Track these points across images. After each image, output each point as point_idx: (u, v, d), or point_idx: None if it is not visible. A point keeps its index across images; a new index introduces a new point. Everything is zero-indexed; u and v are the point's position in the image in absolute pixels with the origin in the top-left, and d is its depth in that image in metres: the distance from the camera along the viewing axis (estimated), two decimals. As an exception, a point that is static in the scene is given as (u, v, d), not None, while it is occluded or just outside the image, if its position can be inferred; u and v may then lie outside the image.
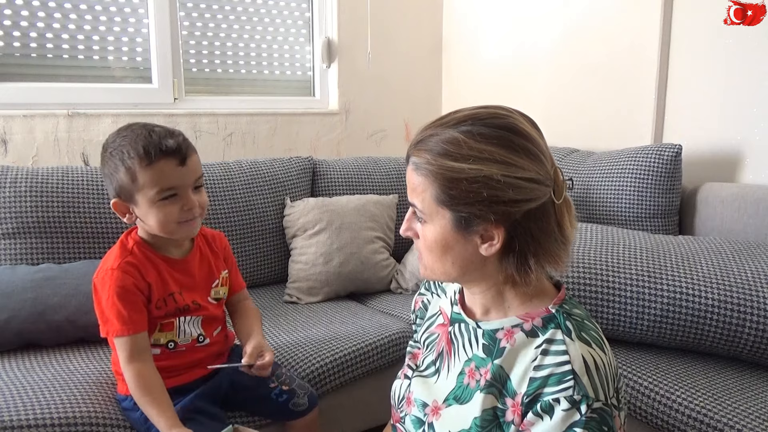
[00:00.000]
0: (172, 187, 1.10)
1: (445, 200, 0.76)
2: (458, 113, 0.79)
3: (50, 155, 2.01)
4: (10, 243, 1.62)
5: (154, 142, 1.07)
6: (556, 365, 0.74)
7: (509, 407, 0.77)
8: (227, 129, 2.35)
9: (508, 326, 0.81)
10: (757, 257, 1.45)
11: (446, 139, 0.76)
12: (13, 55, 2.01)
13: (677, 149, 1.78)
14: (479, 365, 0.83)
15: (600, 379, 0.73)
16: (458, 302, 0.91)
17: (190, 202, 1.12)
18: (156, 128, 1.11)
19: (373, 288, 1.99)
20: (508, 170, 0.74)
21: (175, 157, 1.09)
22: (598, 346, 0.76)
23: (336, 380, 1.48)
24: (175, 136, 1.11)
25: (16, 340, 1.44)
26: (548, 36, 2.34)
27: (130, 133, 1.10)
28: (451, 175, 0.75)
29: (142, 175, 1.08)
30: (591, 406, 0.70)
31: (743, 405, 1.19)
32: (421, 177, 0.78)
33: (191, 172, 1.12)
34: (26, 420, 1.11)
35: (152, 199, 1.09)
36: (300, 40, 2.58)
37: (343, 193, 2.13)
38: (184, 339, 1.22)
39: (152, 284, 1.16)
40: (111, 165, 1.11)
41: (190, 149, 1.13)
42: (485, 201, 0.74)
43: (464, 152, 0.74)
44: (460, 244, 0.78)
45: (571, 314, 0.79)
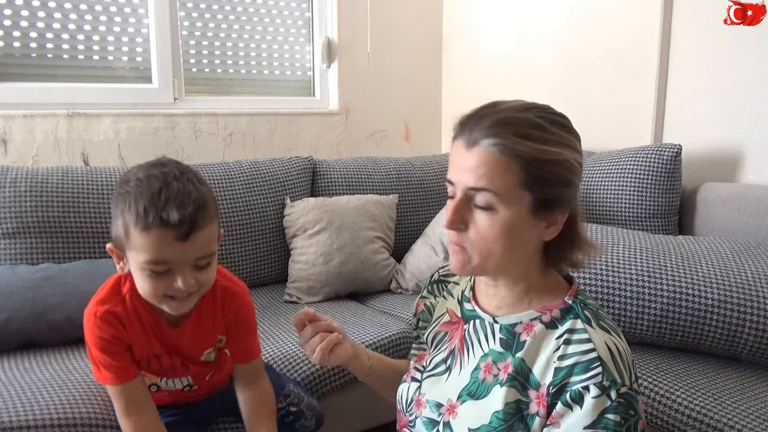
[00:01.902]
0: (164, 261, 0.91)
1: (530, 182, 0.76)
2: (507, 103, 0.80)
3: (50, 155, 2.01)
4: (10, 243, 1.62)
5: (157, 207, 0.88)
6: (581, 353, 0.75)
7: (533, 399, 0.77)
8: (227, 129, 2.35)
9: (527, 320, 0.82)
10: (757, 257, 1.45)
11: (530, 123, 0.76)
12: (13, 55, 2.01)
13: (677, 149, 1.78)
14: (497, 359, 0.83)
15: (624, 364, 0.74)
16: (471, 299, 0.91)
17: (183, 282, 0.92)
18: (173, 185, 0.90)
19: (373, 288, 1.99)
20: (577, 157, 0.79)
21: (175, 231, 0.89)
22: (615, 333, 0.78)
23: (336, 380, 1.48)
24: (185, 207, 0.89)
25: (16, 340, 1.44)
26: (548, 37, 2.34)
27: (144, 179, 0.91)
28: (543, 156, 0.75)
29: (135, 236, 0.90)
30: (619, 392, 0.72)
31: (743, 405, 1.19)
32: (504, 157, 0.75)
33: (194, 250, 0.92)
34: (25, 421, 1.11)
35: (140, 266, 0.92)
36: (300, 40, 2.58)
37: (343, 193, 2.13)
38: (169, 386, 1.12)
39: (133, 345, 1.02)
40: (114, 206, 0.95)
41: (200, 224, 0.91)
42: (566, 183, 0.78)
43: (549, 137, 0.76)
44: (529, 228, 0.79)
45: (587, 304, 0.81)
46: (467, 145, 0.78)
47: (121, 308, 1.01)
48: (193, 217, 0.90)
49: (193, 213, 0.90)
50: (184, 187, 0.91)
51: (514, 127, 0.76)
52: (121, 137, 2.13)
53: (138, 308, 1.01)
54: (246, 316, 1.11)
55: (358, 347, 1.04)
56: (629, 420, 0.72)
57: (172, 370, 1.09)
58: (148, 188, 0.90)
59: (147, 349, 1.04)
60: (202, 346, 1.09)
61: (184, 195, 0.90)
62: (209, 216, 0.93)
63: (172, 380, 1.11)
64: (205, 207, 0.92)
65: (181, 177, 0.92)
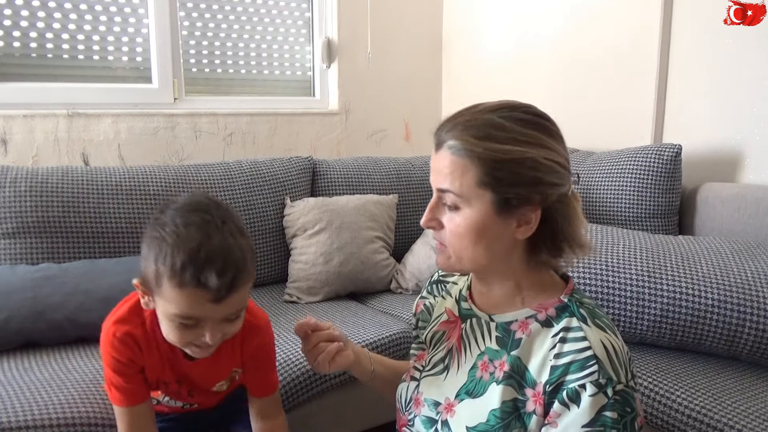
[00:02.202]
0: (195, 317, 0.87)
1: (488, 182, 0.76)
2: (484, 104, 0.81)
3: (50, 155, 2.01)
4: (9, 243, 1.63)
5: (195, 266, 0.81)
6: (577, 351, 0.75)
7: (530, 398, 0.78)
8: (227, 129, 2.35)
9: (522, 318, 0.82)
10: (757, 257, 1.45)
11: (488, 123, 0.77)
12: (13, 55, 2.01)
13: (677, 149, 1.78)
14: (493, 357, 0.83)
15: (619, 362, 0.74)
16: (467, 298, 0.92)
17: (210, 336, 0.88)
18: (214, 239, 0.83)
19: (373, 288, 1.99)
20: (549, 154, 0.78)
21: (211, 293, 0.83)
22: (611, 331, 0.78)
23: (336, 379, 1.48)
24: (225, 272, 0.83)
25: (15, 340, 1.44)
26: (548, 37, 2.34)
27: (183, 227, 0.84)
28: (498, 156, 0.76)
29: (167, 288, 0.84)
30: (615, 389, 0.72)
31: (743, 405, 1.19)
32: (461, 159, 0.77)
33: (227, 308, 0.87)
34: (24, 421, 1.11)
35: (168, 316, 0.88)
36: (300, 40, 2.58)
37: (343, 193, 2.13)
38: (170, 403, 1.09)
39: (146, 368, 0.99)
40: (147, 248, 0.87)
41: (237, 287, 0.86)
42: (529, 182, 0.76)
43: (509, 135, 0.76)
44: (497, 228, 0.79)
45: (582, 302, 0.81)
46: (436, 147, 0.82)
47: (140, 331, 0.97)
48: (231, 282, 0.84)
49: (231, 278, 0.84)
50: (225, 243, 0.84)
51: (473, 129, 0.77)
52: (121, 137, 2.13)
53: (157, 335, 0.97)
54: (266, 351, 1.06)
55: (360, 351, 1.04)
56: (626, 417, 0.72)
57: (177, 394, 1.06)
58: (186, 240, 0.83)
59: (158, 374, 1.01)
60: (215, 379, 1.06)
61: (225, 255, 0.83)
62: (248, 276, 0.88)
63: (174, 400, 1.09)
64: (244, 269, 0.86)
65: (222, 227, 0.85)
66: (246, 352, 1.03)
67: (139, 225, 1.77)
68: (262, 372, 1.06)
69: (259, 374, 1.06)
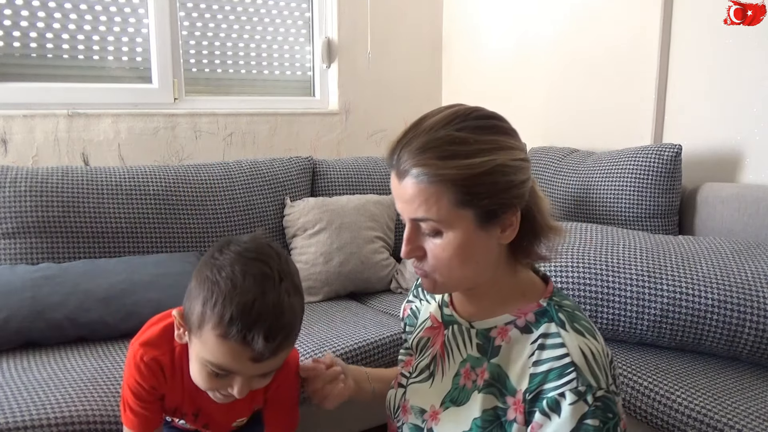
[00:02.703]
0: (229, 369, 0.83)
1: (466, 200, 0.74)
2: (432, 117, 0.77)
3: (50, 155, 2.01)
4: (9, 243, 1.63)
5: (245, 323, 0.78)
6: (555, 359, 0.74)
7: (510, 405, 0.77)
8: (227, 129, 2.35)
9: (501, 324, 0.81)
10: (757, 257, 1.45)
11: (448, 140, 0.74)
12: (13, 55, 2.01)
13: (677, 149, 1.78)
14: (474, 365, 0.83)
15: (598, 367, 0.73)
16: (449, 304, 0.91)
17: (239, 391, 0.85)
18: (269, 297, 0.80)
19: (374, 288, 1.99)
20: (512, 154, 0.76)
21: (253, 353, 0.80)
22: (591, 335, 0.77)
23: (336, 380, 1.48)
24: (274, 336, 0.80)
25: (15, 339, 1.44)
26: (548, 37, 2.34)
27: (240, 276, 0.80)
28: (469, 172, 0.73)
29: (208, 335, 0.81)
30: (596, 396, 0.71)
31: (743, 405, 1.19)
32: (432, 186, 0.74)
33: (263, 368, 0.84)
34: (21, 421, 1.11)
35: (201, 361, 0.84)
36: (300, 40, 2.58)
37: (343, 193, 2.13)
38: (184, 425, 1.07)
39: (166, 396, 0.96)
40: (197, 287, 0.83)
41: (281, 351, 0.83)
42: (504, 188, 0.75)
43: (473, 147, 0.74)
44: (483, 241, 0.77)
45: (562, 306, 0.80)
46: (398, 176, 0.77)
47: (168, 359, 0.93)
48: (277, 346, 0.81)
49: (278, 342, 0.81)
50: (279, 303, 0.80)
51: (435, 150, 0.73)
52: (121, 137, 2.13)
53: (184, 365, 0.94)
54: (291, 389, 1.01)
55: (358, 373, 1.02)
56: (608, 423, 0.71)
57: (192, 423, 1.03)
58: (241, 293, 0.79)
59: (177, 404, 0.98)
60: (235, 417, 1.02)
61: (277, 316, 0.80)
62: (292, 340, 0.85)
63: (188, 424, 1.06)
64: (292, 332, 0.84)
65: (280, 285, 0.82)
66: (270, 390, 0.99)
67: (139, 225, 1.77)
68: (285, 408, 1.02)
69: (281, 412, 1.02)
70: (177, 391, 0.96)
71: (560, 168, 2.09)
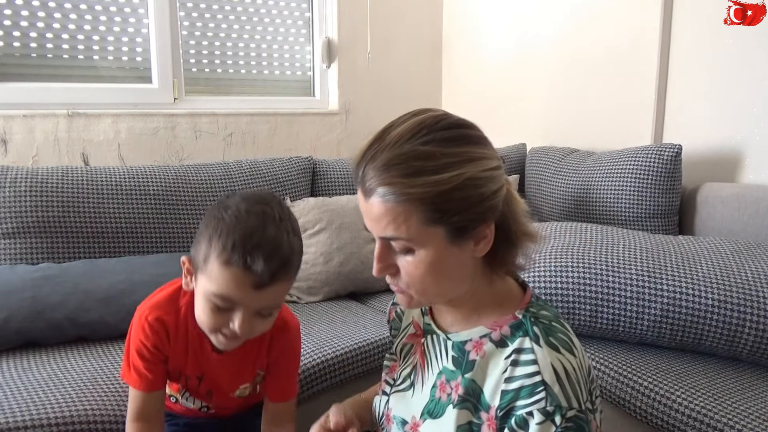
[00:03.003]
0: (231, 300, 0.89)
1: (436, 218, 0.71)
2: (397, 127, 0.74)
3: (50, 155, 2.01)
4: (9, 243, 1.63)
5: (245, 248, 0.85)
6: (526, 376, 0.72)
7: (485, 421, 0.75)
8: (227, 129, 2.35)
9: (477, 337, 0.79)
10: (757, 257, 1.45)
11: (415, 156, 0.70)
12: (13, 55, 2.01)
13: (677, 149, 1.78)
14: (449, 378, 0.81)
15: (572, 385, 0.71)
16: (428, 312, 0.89)
17: (239, 325, 0.90)
18: (269, 230, 0.88)
19: (374, 287, 1.99)
20: (483, 165, 0.73)
21: (253, 278, 0.87)
22: (567, 350, 0.74)
23: (336, 377, 1.48)
24: (272, 259, 0.86)
25: (15, 339, 1.44)
26: (548, 37, 2.34)
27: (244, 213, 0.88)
28: (438, 189, 0.70)
29: (213, 265, 0.88)
30: (565, 416, 0.69)
31: (743, 405, 1.19)
32: (400, 206, 0.71)
33: (263, 300, 0.90)
34: (22, 421, 1.11)
35: (206, 295, 0.90)
36: (300, 40, 2.58)
37: (343, 193, 2.13)
38: (187, 404, 1.10)
39: (170, 358, 1.01)
40: (204, 227, 0.91)
41: (279, 278, 0.89)
42: (476, 202, 0.72)
43: (440, 162, 0.70)
44: (456, 256, 0.75)
45: (539, 317, 0.77)
46: (364, 194, 0.74)
47: (172, 319, 0.99)
48: (275, 271, 0.87)
49: (276, 268, 0.87)
50: (278, 236, 0.88)
51: (400, 168, 0.70)
52: (121, 137, 2.13)
53: (188, 324, 0.99)
54: (292, 355, 1.07)
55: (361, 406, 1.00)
56: None
57: (196, 392, 1.07)
58: (244, 224, 0.87)
59: (181, 366, 1.02)
60: (240, 380, 1.06)
61: (276, 245, 0.87)
62: (290, 273, 0.92)
63: (192, 398, 1.09)
64: (290, 263, 0.90)
65: (280, 223, 0.89)
66: (273, 353, 1.04)
67: (139, 225, 1.77)
68: (284, 377, 1.06)
69: (281, 378, 1.06)
70: (180, 352, 1.00)
71: (560, 168, 2.09)
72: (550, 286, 1.46)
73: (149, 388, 0.99)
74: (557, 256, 1.50)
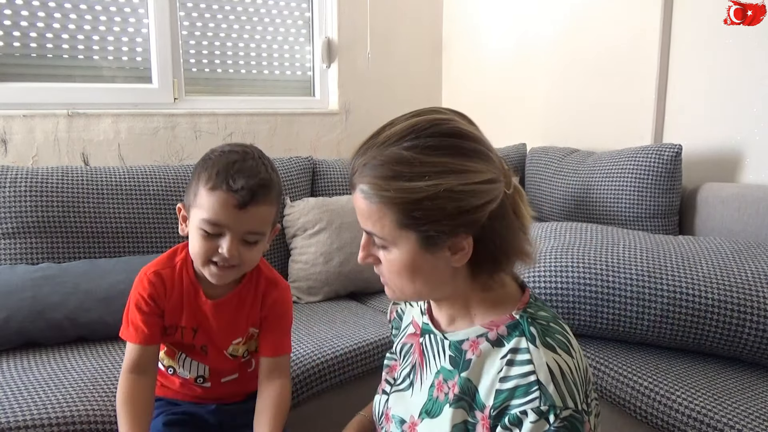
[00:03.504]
0: (219, 224, 0.98)
1: (408, 223, 0.72)
2: (394, 126, 0.75)
3: (50, 155, 2.01)
4: (9, 243, 1.63)
5: (228, 172, 0.97)
6: (521, 376, 0.72)
7: (479, 420, 0.75)
8: (227, 129, 2.35)
9: (473, 336, 0.79)
10: (757, 257, 1.45)
11: (394, 160, 0.71)
12: (13, 55, 2.01)
13: (677, 149, 1.78)
14: (447, 378, 0.81)
15: (567, 385, 0.71)
16: (426, 312, 0.90)
17: (228, 248, 0.98)
18: (248, 161, 1.00)
19: (374, 287, 1.98)
20: (466, 178, 0.71)
21: (236, 197, 0.96)
22: (564, 350, 0.74)
23: (336, 377, 1.48)
24: (251, 179, 0.97)
25: (15, 339, 1.44)
26: (548, 37, 2.34)
27: (228, 152, 1.01)
28: (410, 196, 0.71)
29: (201, 195, 0.99)
30: (559, 416, 0.69)
31: (743, 405, 1.19)
32: (375, 205, 0.73)
33: (247, 221, 0.99)
34: (23, 421, 1.11)
35: (197, 224, 0.99)
36: (300, 40, 2.58)
37: (343, 193, 2.13)
38: (184, 373, 1.14)
39: (166, 311, 1.08)
40: (194, 171, 1.03)
41: (259, 199, 0.98)
42: (450, 215, 0.71)
43: (417, 170, 0.71)
44: (430, 263, 0.75)
45: (536, 318, 0.77)
46: (351, 187, 0.78)
47: (168, 271, 1.08)
48: (254, 189, 0.97)
49: (255, 186, 0.97)
50: (256, 165, 1.00)
51: (381, 169, 0.72)
52: (121, 137, 2.13)
53: (183, 276, 1.08)
54: (284, 310, 1.14)
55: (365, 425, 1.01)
56: None
57: (191, 349, 1.11)
58: (227, 158, 1.00)
59: (176, 317, 1.08)
60: (233, 333, 1.11)
61: (254, 172, 0.99)
62: (270, 197, 1.01)
63: (189, 362, 1.12)
64: (269, 187, 1.00)
65: (258, 159, 1.02)
66: (265, 307, 1.12)
67: (139, 225, 1.77)
68: (277, 332, 1.13)
69: (274, 334, 1.12)
70: (176, 302, 1.07)
71: (560, 168, 2.09)
72: (550, 286, 1.46)
73: (145, 341, 1.05)
74: (557, 256, 1.50)
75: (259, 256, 1.06)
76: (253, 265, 1.07)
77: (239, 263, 1.02)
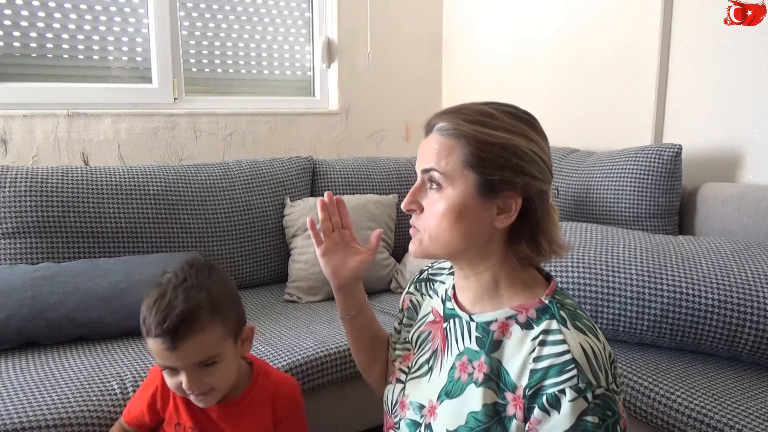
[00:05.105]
0: (165, 366, 0.97)
1: (473, 162, 0.78)
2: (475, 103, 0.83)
3: (50, 155, 2.01)
4: (9, 242, 1.63)
5: (147, 319, 0.94)
6: (555, 355, 0.74)
7: (510, 401, 0.77)
8: (227, 129, 2.35)
9: (503, 318, 0.81)
10: (757, 257, 1.45)
11: (479, 111, 0.80)
12: (13, 55, 2.01)
13: (677, 149, 1.78)
14: (472, 358, 0.83)
15: (599, 365, 0.74)
16: (452, 298, 0.91)
17: (186, 385, 0.95)
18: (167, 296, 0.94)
19: (373, 288, 1.98)
20: (534, 147, 0.79)
21: (162, 343, 0.92)
22: (592, 333, 0.77)
23: (336, 374, 1.48)
24: (169, 318, 0.92)
25: (15, 338, 1.44)
26: (548, 37, 2.33)
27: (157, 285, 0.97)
28: (485, 138, 0.78)
29: (147, 340, 0.96)
30: (595, 393, 0.71)
31: (743, 405, 1.19)
32: (450, 139, 0.80)
33: (186, 358, 0.94)
34: (19, 422, 1.11)
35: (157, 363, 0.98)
36: (300, 40, 2.58)
37: (343, 193, 2.13)
38: None
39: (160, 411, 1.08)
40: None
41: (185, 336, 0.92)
42: (513, 168, 0.78)
43: (497, 123, 0.79)
44: (477, 211, 0.79)
45: (564, 304, 0.80)
46: (426, 133, 0.85)
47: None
48: (175, 328, 0.92)
49: (175, 325, 0.92)
50: (174, 299, 0.93)
51: (463, 114, 0.80)
52: (121, 137, 2.13)
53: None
54: (298, 410, 1.11)
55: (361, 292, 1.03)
56: (607, 420, 0.71)
57: None
58: (151, 296, 0.95)
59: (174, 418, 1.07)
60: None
61: (169, 310, 0.92)
62: (196, 326, 0.93)
63: None
64: (192, 319, 0.93)
65: (179, 286, 0.95)
66: (278, 412, 1.08)
67: (139, 225, 1.77)
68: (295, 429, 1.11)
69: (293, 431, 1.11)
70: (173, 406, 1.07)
71: (560, 168, 2.09)
72: (550, 286, 1.46)
73: (125, 417, 1.11)
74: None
75: (228, 372, 1.00)
76: (226, 384, 1.01)
77: (209, 389, 0.98)
